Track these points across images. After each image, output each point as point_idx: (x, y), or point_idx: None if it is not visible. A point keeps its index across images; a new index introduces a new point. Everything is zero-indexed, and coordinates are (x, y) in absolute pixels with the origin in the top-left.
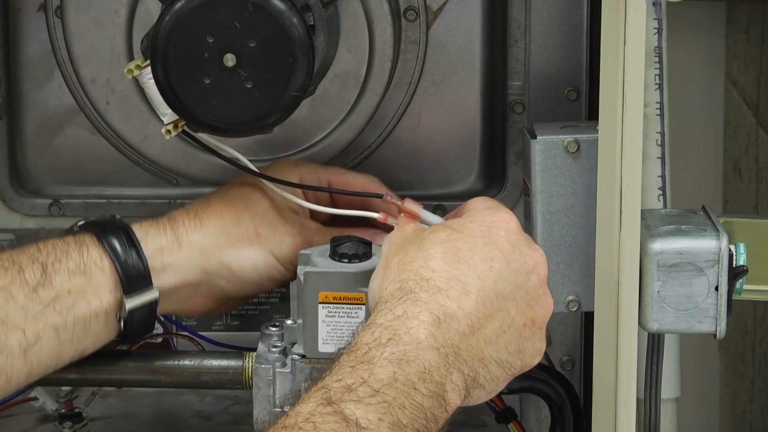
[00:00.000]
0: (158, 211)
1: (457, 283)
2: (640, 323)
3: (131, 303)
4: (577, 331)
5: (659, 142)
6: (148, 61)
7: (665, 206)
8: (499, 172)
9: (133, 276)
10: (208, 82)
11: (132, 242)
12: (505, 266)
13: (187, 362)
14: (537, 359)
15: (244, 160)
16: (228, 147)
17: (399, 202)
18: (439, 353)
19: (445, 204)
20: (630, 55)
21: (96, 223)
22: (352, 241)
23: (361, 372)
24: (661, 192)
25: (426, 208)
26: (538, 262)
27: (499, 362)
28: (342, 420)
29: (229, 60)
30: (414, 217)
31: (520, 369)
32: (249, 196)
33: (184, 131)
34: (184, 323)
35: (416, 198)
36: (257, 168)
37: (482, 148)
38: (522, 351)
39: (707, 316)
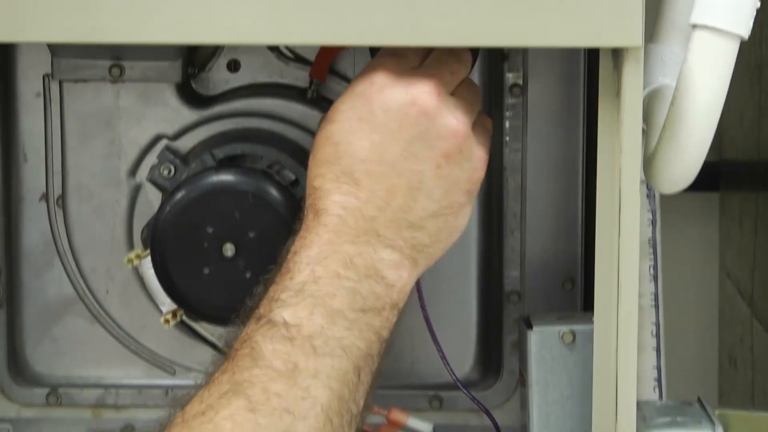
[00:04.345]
0: (155, 400)
1: (345, 177)
2: None
3: None
4: None
5: (654, 333)
6: (148, 251)
7: (661, 397)
8: (495, 361)
9: None
10: (207, 271)
11: None
12: (384, 132)
13: None
14: (478, 175)
15: None
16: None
17: (384, 412)
18: (356, 243)
19: (441, 394)
20: (624, 246)
21: None
22: None
23: (282, 282)
24: (656, 383)
25: (421, 397)
26: (416, 100)
27: (434, 215)
28: (269, 324)
29: (229, 250)
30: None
31: (465, 200)
32: None
33: (182, 321)
34: None
35: (411, 386)
36: None
37: (478, 337)
38: (452, 187)
39: None
